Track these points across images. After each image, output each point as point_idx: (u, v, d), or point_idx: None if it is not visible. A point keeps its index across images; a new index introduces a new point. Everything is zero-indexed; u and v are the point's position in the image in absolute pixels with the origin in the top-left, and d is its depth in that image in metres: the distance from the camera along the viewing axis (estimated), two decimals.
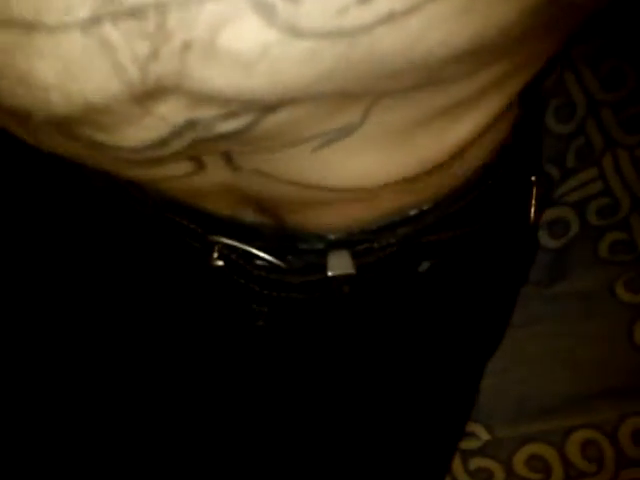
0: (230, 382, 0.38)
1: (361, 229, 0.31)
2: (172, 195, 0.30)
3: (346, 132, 0.22)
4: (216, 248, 0.33)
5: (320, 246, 0.32)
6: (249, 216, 0.31)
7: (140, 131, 0.20)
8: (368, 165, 0.24)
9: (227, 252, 0.33)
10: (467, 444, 0.46)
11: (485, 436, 0.46)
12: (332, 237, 0.32)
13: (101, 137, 0.20)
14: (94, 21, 0.16)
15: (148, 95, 0.18)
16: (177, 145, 0.21)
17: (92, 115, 0.19)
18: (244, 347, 0.38)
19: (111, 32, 0.17)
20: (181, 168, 0.25)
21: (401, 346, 0.38)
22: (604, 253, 0.48)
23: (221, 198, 0.30)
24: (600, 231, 0.48)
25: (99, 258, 0.39)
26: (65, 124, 0.20)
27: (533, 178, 0.37)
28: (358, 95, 0.20)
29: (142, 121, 0.19)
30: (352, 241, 0.32)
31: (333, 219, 0.31)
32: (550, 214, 0.50)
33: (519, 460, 0.46)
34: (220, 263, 0.33)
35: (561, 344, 0.47)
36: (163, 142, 0.20)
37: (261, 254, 0.32)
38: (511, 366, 0.47)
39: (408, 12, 0.17)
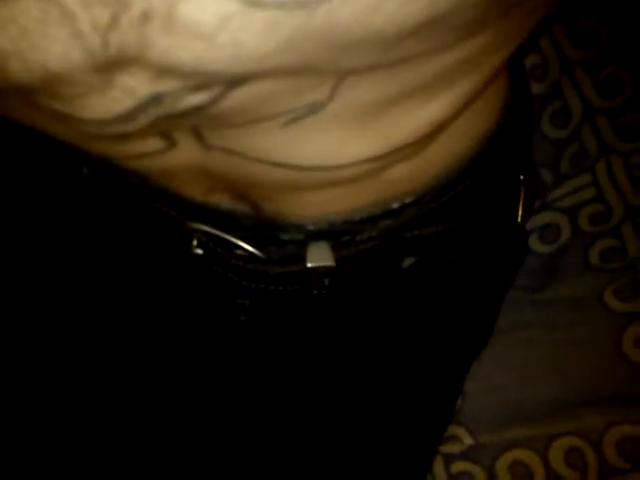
0: (214, 376, 0.38)
1: (342, 220, 0.31)
2: (147, 176, 0.30)
3: (313, 109, 0.22)
4: (195, 236, 0.32)
5: (300, 237, 0.32)
6: (225, 202, 0.31)
7: (103, 103, 0.20)
8: (335, 143, 0.24)
9: (206, 240, 0.32)
10: (450, 448, 0.46)
11: (468, 440, 0.46)
12: (312, 228, 0.31)
13: (63, 108, 0.20)
14: None
15: (110, 65, 0.18)
16: (143, 120, 0.21)
17: (53, 85, 0.19)
18: (227, 341, 0.38)
19: None
20: (151, 145, 0.25)
21: (383, 343, 0.37)
22: (595, 260, 0.48)
23: (195, 181, 0.29)
24: (591, 238, 0.48)
25: (83, 248, 0.39)
26: (27, 94, 0.20)
27: (522, 177, 0.37)
28: (322, 70, 0.20)
29: (105, 93, 0.19)
30: (333, 232, 0.32)
31: (310, 208, 0.30)
32: (542, 219, 0.49)
33: (502, 466, 0.45)
34: (199, 251, 0.33)
35: (549, 350, 0.47)
36: (128, 116, 0.20)
37: (240, 243, 0.32)
38: (498, 371, 0.46)
39: None
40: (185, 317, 0.38)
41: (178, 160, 0.27)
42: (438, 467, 0.46)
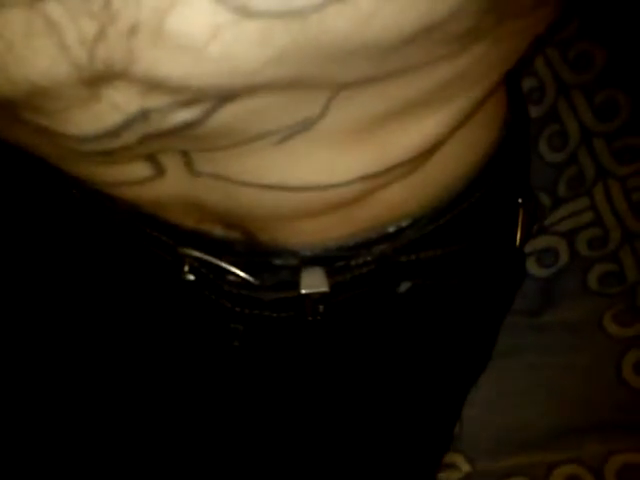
0: (208, 401, 0.38)
1: (337, 246, 0.31)
2: (135, 204, 0.29)
3: (306, 125, 0.22)
4: (187, 261, 0.32)
5: (294, 262, 0.31)
6: (217, 231, 0.30)
7: (88, 118, 0.19)
8: (329, 161, 0.24)
9: (198, 266, 0.32)
10: (448, 475, 0.45)
11: (466, 468, 0.45)
12: (307, 253, 0.31)
13: (47, 123, 0.20)
14: None
15: (97, 79, 0.18)
16: (128, 137, 0.20)
17: (38, 99, 0.19)
18: (221, 366, 0.37)
19: (55, 9, 0.16)
20: (138, 171, 0.25)
21: (378, 369, 0.37)
22: (593, 284, 0.47)
23: (185, 211, 0.29)
24: (590, 262, 0.48)
25: (76, 270, 0.38)
26: (11, 108, 0.19)
27: (520, 200, 0.36)
28: (316, 84, 0.20)
29: (90, 107, 0.19)
30: (327, 258, 0.31)
31: (305, 235, 0.30)
32: (540, 243, 0.49)
33: None
34: (191, 277, 0.32)
35: (547, 376, 0.46)
36: (113, 132, 0.20)
37: (233, 269, 0.31)
38: (495, 397, 0.46)
39: None
40: (178, 341, 0.38)
41: (166, 189, 0.26)
42: None
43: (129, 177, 0.25)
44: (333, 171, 0.24)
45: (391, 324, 0.36)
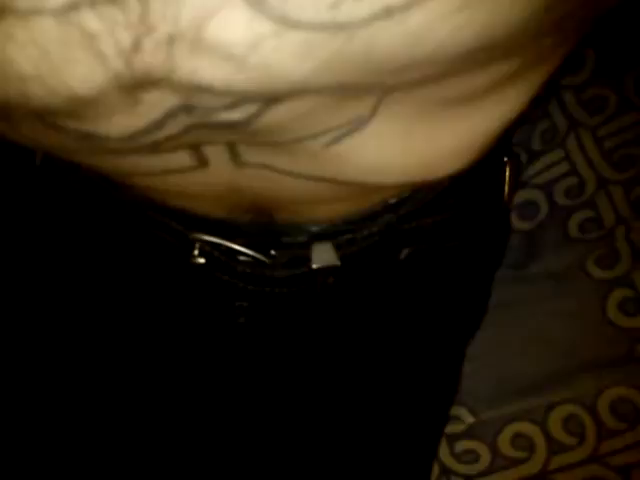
0: (214, 380, 0.38)
1: (344, 220, 0.31)
2: (167, 197, 0.29)
3: (356, 126, 0.22)
4: (197, 245, 0.32)
5: (303, 239, 0.32)
6: (240, 217, 0.31)
7: (130, 119, 0.19)
8: (378, 162, 0.24)
9: (209, 249, 0.32)
10: (452, 428, 0.47)
11: (469, 419, 0.47)
12: (315, 229, 0.32)
13: (89, 128, 0.20)
14: (71, 7, 0.16)
15: (137, 85, 0.18)
16: (172, 128, 0.20)
17: (77, 107, 0.18)
18: (227, 344, 0.38)
19: (91, 20, 0.16)
20: (181, 160, 0.24)
21: (383, 334, 0.38)
22: (574, 232, 0.49)
23: (218, 201, 0.29)
24: (568, 211, 0.49)
25: (78, 259, 0.38)
26: (48, 116, 0.19)
27: (505, 159, 0.38)
28: (364, 89, 0.20)
29: (132, 109, 0.19)
30: (335, 232, 0.32)
31: (319, 212, 0.30)
32: (519, 197, 0.51)
33: (504, 440, 0.46)
34: (201, 261, 0.32)
35: (537, 323, 0.48)
36: (156, 125, 0.19)
37: (244, 250, 0.32)
38: (489, 349, 0.47)
39: (407, 7, 0.16)
40: (183, 321, 0.38)
41: (207, 179, 0.26)
42: (442, 448, 0.47)
43: (169, 166, 0.25)
44: (382, 171, 0.24)
45: (393, 289, 0.37)
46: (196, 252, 0.32)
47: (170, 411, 0.38)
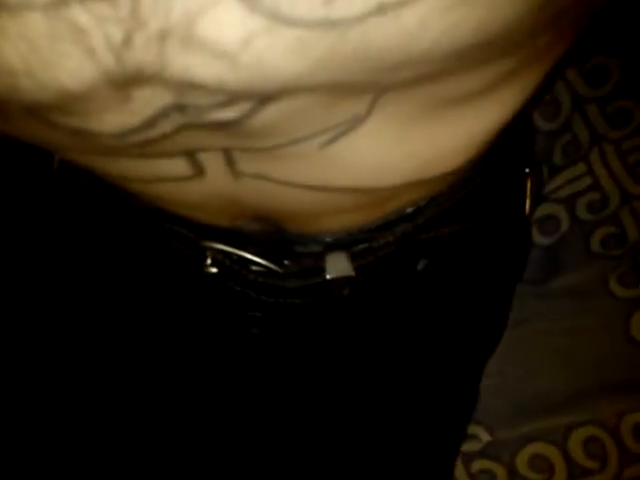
0: (226, 390, 0.37)
1: (359, 229, 0.31)
2: (167, 206, 0.29)
3: (352, 125, 0.21)
4: (209, 254, 0.32)
5: (317, 249, 0.31)
6: (245, 226, 0.30)
7: (122, 115, 0.19)
8: (375, 164, 0.23)
9: (221, 258, 0.32)
10: (468, 446, 0.46)
11: (486, 437, 0.46)
12: (329, 239, 0.31)
13: (80, 124, 0.19)
14: (61, 1, 0.16)
15: (128, 82, 0.18)
16: (165, 126, 0.20)
17: (67, 102, 0.18)
18: (240, 354, 0.37)
19: (81, 15, 0.16)
20: (178, 167, 0.24)
21: (400, 348, 0.37)
22: (596, 248, 0.48)
23: (219, 211, 0.28)
24: (591, 226, 0.48)
25: (92, 264, 0.38)
26: (39, 111, 0.19)
27: (527, 170, 0.37)
28: (359, 87, 0.20)
29: (124, 106, 0.18)
30: (350, 242, 0.31)
31: (331, 223, 0.30)
32: (540, 211, 0.50)
33: (522, 460, 0.45)
34: (214, 270, 0.32)
35: (557, 341, 0.47)
36: (148, 123, 0.19)
37: (257, 259, 0.31)
38: (508, 366, 0.46)
39: (400, 4, 0.16)
40: (197, 330, 0.37)
41: (204, 190, 0.26)
42: (458, 467, 0.46)
43: (165, 173, 0.25)
44: (378, 174, 0.24)
45: (410, 301, 0.36)
46: (209, 261, 0.32)
47: (182, 420, 0.37)
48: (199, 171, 0.25)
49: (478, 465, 0.46)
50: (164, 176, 0.25)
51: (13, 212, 0.39)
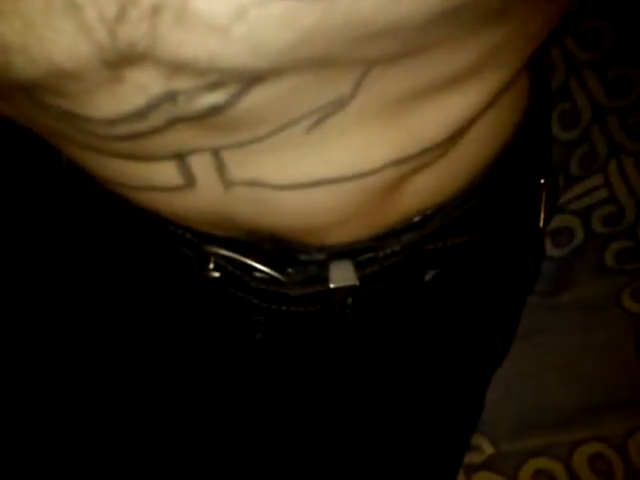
0: (230, 394, 0.37)
1: (364, 238, 0.30)
2: (163, 215, 0.29)
3: (338, 105, 0.21)
4: (212, 259, 0.32)
5: (321, 257, 0.31)
6: (244, 236, 0.30)
7: (113, 100, 0.19)
8: (362, 146, 0.23)
9: (224, 263, 0.32)
10: (471, 458, 0.45)
11: (489, 450, 0.45)
12: (334, 248, 0.31)
13: (70, 106, 0.19)
14: None
15: (120, 60, 0.18)
16: (155, 119, 0.20)
17: (60, 81, 0.18)
18: (243, 358, 0.37)
19: None
20: (168, 175, 0.24)
21: (405, 358, 0.37)
22: (610, 262, 0.47)
23: (214, 223, 0.28)
24: (605, 239, 0.48)
25: (96, 266, 0.38)
26: (33, 90, 0.19)
27: (542, 181, 0.36)
28: (345, 62, 0.20)
29: (115, 89, 0.19)
30: (355, 250, 0.31)
31: (333, 232, 0.29)
32: (553, 222, 0.49)
33: (525, 475, 0.45)
34: (216, 274, 0.32)
35: (566, 355, 0.46)
36: (139, 114, 0.19)
37: (259, 266, 0.31)
38: (515, 378, 0.46)
39: None
40: (200, 334, 0.37)
41: (196, 202, 0.26)
42: (459, 478, 0.45)
43: (158, 182, 0.24)
44: (367, 156, 0.24)
45: (417, 312, 0.36)
46: (211, 266, 0.32)
47: (185, 423, 0.37)
48: (190, 181, 0.25)
49: (480, 477, 0.45)
50: (157, 184, 0.25)
51: (20, 208, 0.40)
